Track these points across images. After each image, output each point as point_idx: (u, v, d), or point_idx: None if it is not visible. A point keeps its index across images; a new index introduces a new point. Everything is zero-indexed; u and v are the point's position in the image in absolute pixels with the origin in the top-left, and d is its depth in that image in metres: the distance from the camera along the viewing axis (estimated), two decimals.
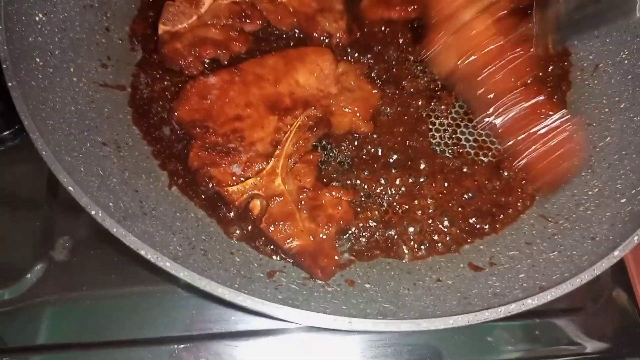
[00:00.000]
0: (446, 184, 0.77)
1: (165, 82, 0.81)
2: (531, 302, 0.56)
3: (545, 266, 0.68)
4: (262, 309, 0.52)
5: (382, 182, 0.77)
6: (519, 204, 0.77)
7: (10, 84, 0.58)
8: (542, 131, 0.75)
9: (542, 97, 0.77)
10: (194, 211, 0.74)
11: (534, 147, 0.75)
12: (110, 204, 0.62)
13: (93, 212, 0.54)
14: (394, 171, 0.78)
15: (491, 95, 0.76)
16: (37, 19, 0.70)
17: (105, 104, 0.76)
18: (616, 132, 0.81)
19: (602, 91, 0.85)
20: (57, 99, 0.69)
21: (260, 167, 0.73)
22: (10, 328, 0.77)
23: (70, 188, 0.55)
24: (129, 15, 0.84)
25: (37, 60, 0.68)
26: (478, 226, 0.75)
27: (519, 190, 0.78)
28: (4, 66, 0.60)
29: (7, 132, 0.86)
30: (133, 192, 0.70)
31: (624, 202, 0.71)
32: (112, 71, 0.79)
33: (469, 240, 0.75)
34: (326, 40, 0.84)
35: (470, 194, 0.77)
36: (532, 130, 0.75)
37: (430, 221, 0.75)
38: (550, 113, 0.75)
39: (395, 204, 0.76)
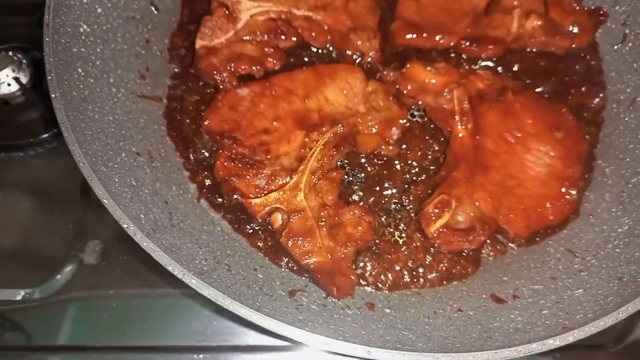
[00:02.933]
0: None
1: (200, 95, 0.82)
2: (552, 343, 0.56)
3: (570, 304, 0.67)
4: (284, 333, 0.53)
5: (405, 204, 0.77)
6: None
7: (53, 95, 0.61)
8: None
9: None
10: (220, 224, 0.75)
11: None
12: (141, 216, 0.64)
13: (125, 226, 0.56)
14: (421, 197, 0.78)
15: None
16: (81, 30, 0.73)
17: (142, 114, 0.78)
18: None
19: (638, 126, 0.83)
20: (96, 109, 0.71)
21: (284, 182, 0.74)
22: (37, 326, 0.80)
23: (105, 201, 0.57)
24: (168, 28, 0.86)
25: (80, 70, 0.70)
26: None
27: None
28: (49, 78, 0.62)
29: (46, 135, 0.88)
30: (163, 204, 0.71)
31: None
32: (149, 82, 0.82)
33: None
34: (358, 59, 0.85)
35: None
36: None
37: None
38: None
39: (415, 227, 0.76)
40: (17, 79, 0.87)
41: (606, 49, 0.89)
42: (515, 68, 0.87)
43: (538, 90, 0.85)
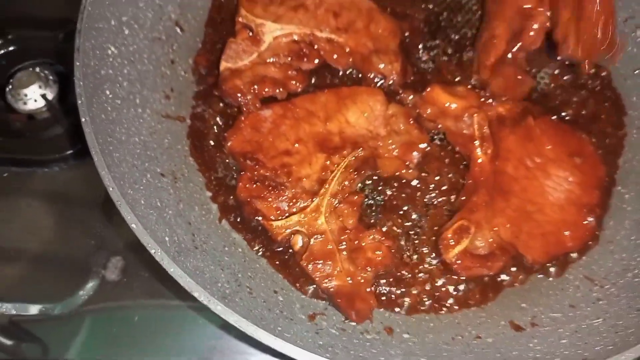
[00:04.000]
0: None
1: (223, 115, 0.84)
2: None
3: (589, 333, 0.67)
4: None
5: (424, 228, 0.78)
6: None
7: (84, 120, 0.62)
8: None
9: None
10: (241, 246, 0.76)
11: None
12: (166, 238, 0.65)
13: (153, 251, 0.57)
14: (440, 222, 0.79)
15: None
16: (109, 52, 0.74)
17: (166, 134, 0.80)
18: None
19: None
20: (123, 131, 0.72)
21: (305, 204, 0.75)
22: (54, 339, 0.81)
23: (134, 225, 0.58)
24: (193, 49, 0.87)
25: (107, 92, 0.72)
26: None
27: None
28: (79, 102, 0.63)
29: (70, 151, 0.90)
30: (187, 225, 0.72)
31: None
32: (174, 102, 0.83)
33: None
34: (380, 82, 0.86)
35: None
36: None
37: None
38: None
39: (433, 251, 0.77)
40: (43, 96, 0.89)
41: (628, 73, 0.89)
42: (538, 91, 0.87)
43: (561, 115, 0.85)
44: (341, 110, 0.81)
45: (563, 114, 0.86)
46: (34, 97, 0.91)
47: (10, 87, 0.91)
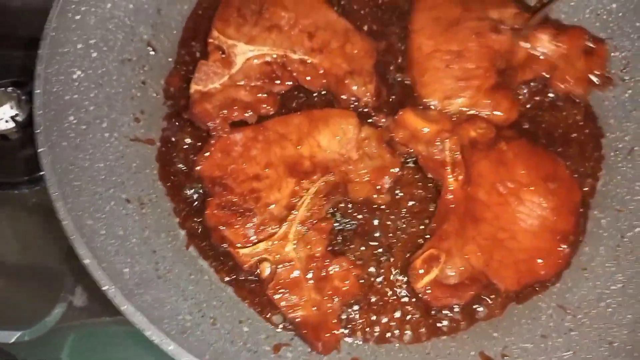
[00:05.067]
0: None
1: (194, 138, 0.83)
2: None
3: None
4: None
5: (395, 255, 0.77)
6: None
7: (41, 149, 0.61)
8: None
9: None
10: (208, 273, 0.75)
11: None
12: (126, 270, 0.64)
13: (105, 287, 0.56)
14: (412, 248, 0.77)
15: None
16: (75, 76, 0.73)
17: (135, 158, 0.78)
18: None
19: (636, 176, 0.82)
20: (87, 157, 0.71)
21: (273, 231, 0.73)
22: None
23: (87, 261, 0.57)
24: (165, 69, 0.86)
25: (71, 118, 0.71)
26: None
27: None
28: (37, 131, 0.62)
29: (42, 173, 0.89)
30: (151, 253, 0.71)
31: None
32: (144, 125, 0.82)
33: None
34: (354, 103, 0.84)
35: None
36: None
37: None
38: None
39: (404, 279, 0.75)
40: (13, 117, 0.88)
41: (605, 95, 0.88)
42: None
43: (537, 138, 0.84)
44: (313, 134, 0.80)
45: (539, 136, 0.84)
46: (5, 117, 0.90)
47: None
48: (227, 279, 0.75)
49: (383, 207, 0.79)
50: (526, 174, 0.79)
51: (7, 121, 0.90)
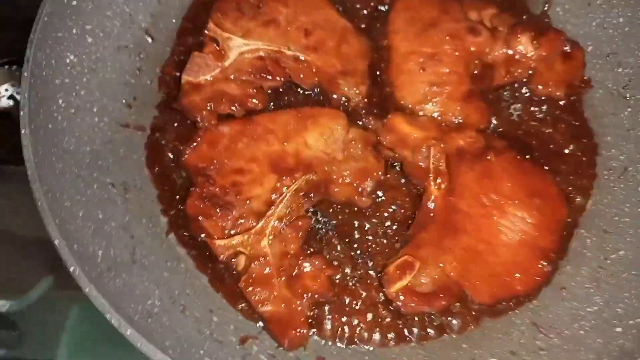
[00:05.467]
0: None
1: (185, 128, 0.83)
2: None
3: None
4: None
5: (372, 257, 0.77)
6: None
7: (23, 131, 0.63)
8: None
9: None
10: (185, 261, 0.76)
11: None
12: (99, 253, 0.66)
13: (71, 269, 0.57)
14: (390, 253, 0.77)
15: None
16: (67, 61, 0.75)
17: (122, 144, 0.80)
18: (632, 247, 0.76)
19: (627, 197, 0.80)
20: (73, 140, 0.73)
21: (250, 225, 0.74)
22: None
23: (56, 241, 0.58)
24: (162, 58, 0.87)
25: (60, 102, 0.72)
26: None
27: None
28: (22, 112, 0.64)
29: None
30: (129, 238, 0.73)
31: (619, 331, 0.67)
32: (135, 111, 0.83)
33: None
34: (345, 103, 0.84)
35: None
36: None
37: None
38: None
39: (378, 283, 0.75)
40: (11, 96, 0.91)
41: (605, 111, 0.86)
42: (504, 124, 0.85)
43: (529, 151, 0.83)
44: (301, 131, 0.80)
45: (531, 149, 0.83)
46: (7, 95, 0.92)
47: None
48: (203, 268, 0.76)
49: (364, 209, 0.79)
50: (512, 188, 0.78)
51: (8, 98, 0.93)
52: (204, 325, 0.69)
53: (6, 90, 0.93)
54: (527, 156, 0.81)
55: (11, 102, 0.93)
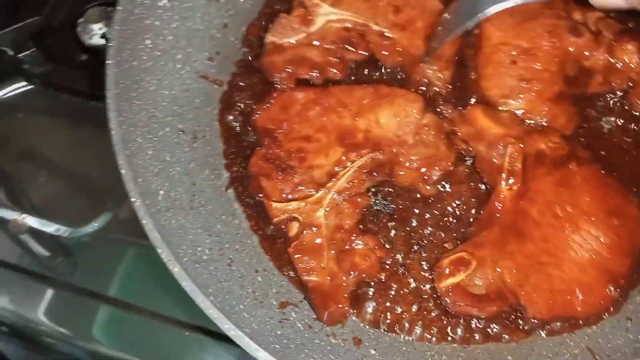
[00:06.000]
0: None
1: (259, 87, 0.84)
2: None
3: None
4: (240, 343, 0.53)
5: (427, 248, 0.74)
6: None
7: (108, 62, 0.65)
8: None
9: None
10: (239, 218, 0.77)
11: None
12: (161, 192, 0.67)
13: (132, 199, 0.59)
14: (447, 247, 0.74)
15: None
16: (160, 4, 0.77)
17: (199, 95, 0.81)
18: None
19: None
20: (154, 81, 0.75)
21: (309, 193, 0.73)
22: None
23: (123, 171, 0.60)
24: (248, 17, 0.88)
25: (147, 42, 0.74)
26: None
27: None
28: (110, 44, 0.66)
29: None
30: (190, 184, 0.74)
31: None
32: (216, 65, 0.84)
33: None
34: (425, 87, 0.81)
35: None
36: None
37: None
38: None
39: (426, 278, 0.73)
40: (104, 36, 0.94)
41: None
42: (593, 136, 0.79)
43: (614, 168, 0.77)
44: (374, 109, 0.78)
45: (616, 167, 0.77)
46: (100, 33, 0.96)
47: (82, 20, 0.97)
48: (255, 228, 0.76)
49: (427, 198, 0.76)
50: (590, 202, 0.73)
51: (101, 37, 0.97)
52: (248, 282, 0.69)
53: (99, 29, 0.96)
54: (612, 172, 0.76)
55: (103, 41, 0.96)
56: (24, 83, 1.00)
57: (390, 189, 0.77)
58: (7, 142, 0.98)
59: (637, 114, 0.79)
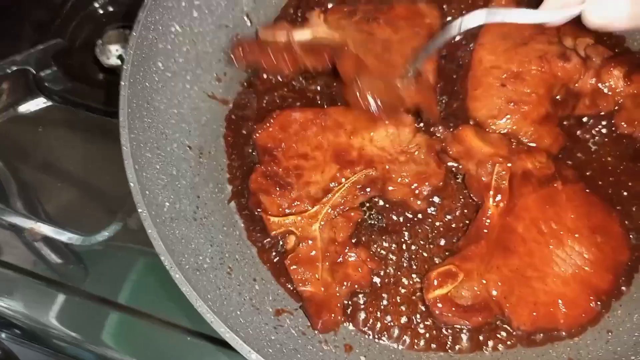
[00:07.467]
0: None
1: (262, 108, 0.89)
2: None
3: None
4: (234, 345, 0.57)
5: (417, 261, 0.78)
6: None
7: (122, 83, 0.70)
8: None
9: None
10: (239, 230, 0.81)
11: None
12: (167, 203, 0.72)
13: (139, 210, 0.64)
14: (436, 260, 0.78)
15: None
16: (173, 29, 0.82)
17: (206, 113, 0.86)
18: None
19: None
20: (165, 101, 0.80)
21: (305, 208, 0.78)
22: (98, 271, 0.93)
23: (132, 184, 0.65)
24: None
25: (159, 64, 0.80)
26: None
27: None
28: (125, 67, 0.72)
29: None
30: (195, 197, 0.79)
31: None
32: (222, 85, 0.89)
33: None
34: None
35: None
36: None
37: None
38: None
39: (416, 289, 0.76)
40: (121, 57, 1.00)
41: None
42: (578, 156, 0.83)
43: (599, 186, 0.81)
44: (369, 129, 0.83)
45: (601, 186, 0.80)
46: (117, 54, 1.02)
47: (100, 41, 1.04)
48: (254, 239, 0.80)
49: (418, 213, 0.80)
50: (574, 220, 0.76)
51: (118, 57, 1.03)
52: (246, 290, 0.73)
53: (117, 50, 1.03)
54: (597, 191, 0.79)
55: (119, 62, 1.03)
56: (44, 99, 1.06)
57: (382, 204, 0.81)
58: (27, 154, 1.04)
59: (622, 135, 0.82)
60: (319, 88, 0.89)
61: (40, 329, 0.90)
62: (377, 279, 0.78)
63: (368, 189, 0.79)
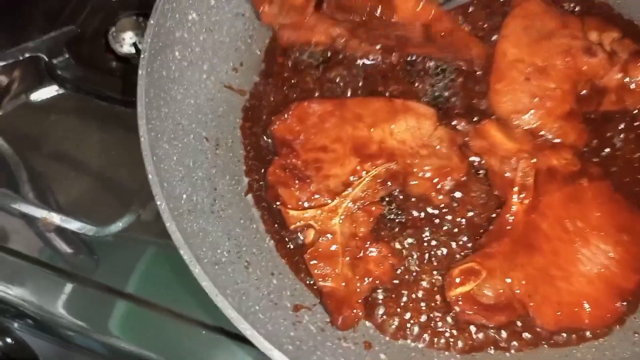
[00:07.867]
0: None
1: (280, 99, 0.87)
2: None
3: None
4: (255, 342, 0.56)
5: (438, 257, 0.76)
6: None
7: (140, 72, 0.68)
8: None
9: None
10: (257, 223, 0.80)
11: None
12: (184, 196, 0.70)
13: (158, 203, 0.62)
14: (457, 257, 0.76)
15: None
16: (190, 17, 0.80)
17: (223, 103, 0.85)
18: None
19: None
20: (181, 91, 0.78)
21: (325, 202, 0.76)
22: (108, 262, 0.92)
23: (150, 176, 0.63)
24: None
25: (176, 53, 0.78)
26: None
27: None
28: (142, 56, 0.70)
29: None
30: (212, 189, 0.77)
31: None
32: (239, 76, 0.88)
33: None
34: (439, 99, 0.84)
35: None
36: None
37: None
38: None
39: (437, 286, 0.75)
40: (134, 44, 0.99)
41: None
42: (604, 152, 0.81)
43: (625, 186, 0.78)
44: (389, 121, 0.81)
45: (627, 184, 0.78)
46: (130, 42, 1.00)
47: (113, 29, 1.02)
48: (272, 233, 0.79)
49: (440, 209, 0.78)
50: (600, 218, 0.74)
51: (131, 45, 1.01)
52: (264, 285, 0.72)
53: (130, 37, 1.01)
54: (621, 188, 0.77)
55: (132, 50, 1.01)
56: (56, 87, 1.04)
57: (403, 198, 0.79)
58: (39, 143, 1.03)
59: None
60: (338, 79, 0.87)
61: (48, 317, 0.89)
62: (398, 275, 0.76)
63: (389, 183, 0.77)
